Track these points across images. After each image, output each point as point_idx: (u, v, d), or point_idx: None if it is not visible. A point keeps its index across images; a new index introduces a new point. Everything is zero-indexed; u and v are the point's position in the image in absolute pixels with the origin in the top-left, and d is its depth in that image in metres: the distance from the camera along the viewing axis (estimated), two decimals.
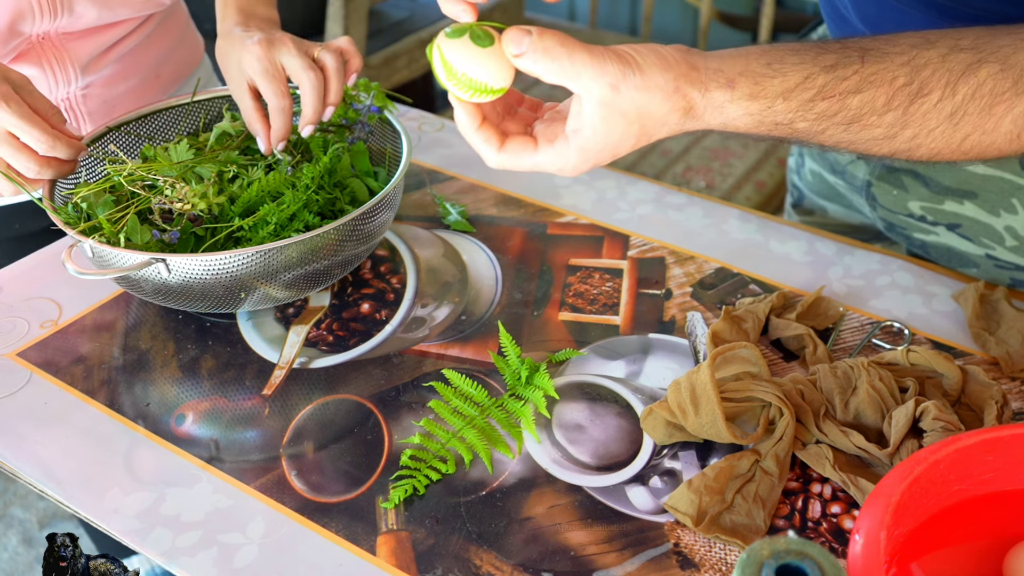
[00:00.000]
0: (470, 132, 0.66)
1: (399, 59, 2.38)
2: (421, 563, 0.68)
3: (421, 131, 1.20)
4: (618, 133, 0.62)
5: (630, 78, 0.60)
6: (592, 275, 0.96)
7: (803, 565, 0.47)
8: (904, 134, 0.65)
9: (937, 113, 0.64)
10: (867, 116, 0.64)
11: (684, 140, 2.17)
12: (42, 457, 0.77)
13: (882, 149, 0.67)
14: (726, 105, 0.62)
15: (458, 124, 0.66)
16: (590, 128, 0.62)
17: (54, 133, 0.84)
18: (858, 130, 0.65)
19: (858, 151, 0.68)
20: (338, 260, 0.87)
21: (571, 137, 0.64)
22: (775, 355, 0.85)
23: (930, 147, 0.66)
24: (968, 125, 0.64)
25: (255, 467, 0.76)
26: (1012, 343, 0.83)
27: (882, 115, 0.64)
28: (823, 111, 0.63)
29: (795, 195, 1.21)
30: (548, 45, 0.59)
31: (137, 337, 0.89)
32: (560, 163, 0.65)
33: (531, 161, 0.66)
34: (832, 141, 0.66)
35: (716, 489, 0.71)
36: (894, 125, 0.64)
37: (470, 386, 0.80)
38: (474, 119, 0.65)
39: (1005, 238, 0.91)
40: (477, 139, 0.66)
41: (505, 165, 0.66)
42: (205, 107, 1.03)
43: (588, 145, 0.63)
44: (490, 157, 0.66)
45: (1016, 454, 0.63)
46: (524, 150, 0.66)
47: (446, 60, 0.61)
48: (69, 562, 0.70)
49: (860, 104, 0.63)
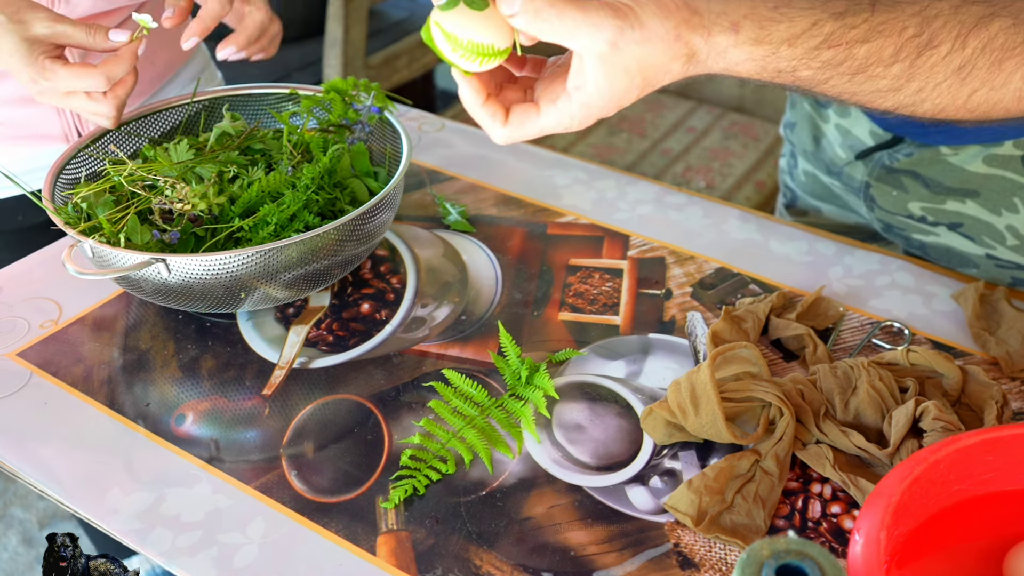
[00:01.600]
0: (475, 108, 0.65)
1: (399, 59, 2.38)
2: (421, 563, 0.68)
3: (421, 131, 1.20)
4: (621, 87, 0.61)
5: (628, 33, 0.59)
6: (592, 275, 0.96)
7: (803, 565, 0.47)
8: (910, 87, 0.64)
9: (945, 66, 0.62)
10: (873, 67, 0.62)
11: (684, 140, 2.17)
12: (42, 457, 0.77)
13: (885, 102, 0.65)
14: (729, 50, 0.61)
15: (464, 102, 0.65)
16: (592, 84, 0.61)
17: (101, 69, 0.84)
18: (863, 80, 0.63)
19: (859, 103, 0.66)
20: (338, 260, 0.87)
21: (573, 94, 0.62)
22: (775, 355, 0.85)
23: (935, 102, 0.64)
24: (976, 80, 0.63)
25: (255, 467, 0.76)
26: (1012, 343, 0.83)
27: (888, 66, 0.62)
28: (829, 59, 0.62)
29: (788, 196, 1.20)
30: (538, 6, 0.58)
31: (137, 337, 0.89)
32: (565, 122, 0.64)
33: (536, 127, 0.65)
34: (835, 91, 0.64)
35: (716, 489, 0.71)
36: (900, 77, 0.63)
37: (470, 386, 0.80)
38: (479, 94, 0.64)
39: (1006, 237, 0.91)
40: (483, 114, 0.65)
41: (513, 137, 0.65)
42: (205, 107, 1.03)
43: (591, 101, 0.62)
44: (496, 133, 0.65)
45: (1016, 454, 0.63)
46: (527, 117, 0.65)
47: (447, 32, 0.60)
48: (69, 562, 0.70)
49: (867, 54, 0.62)
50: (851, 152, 1.02)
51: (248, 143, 0.96)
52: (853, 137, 1.01)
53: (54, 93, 0.86)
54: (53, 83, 0.84)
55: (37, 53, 0.84)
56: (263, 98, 1.04)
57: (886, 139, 0.97)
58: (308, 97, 1.01)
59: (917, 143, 0.94)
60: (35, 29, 0.84)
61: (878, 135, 0.98)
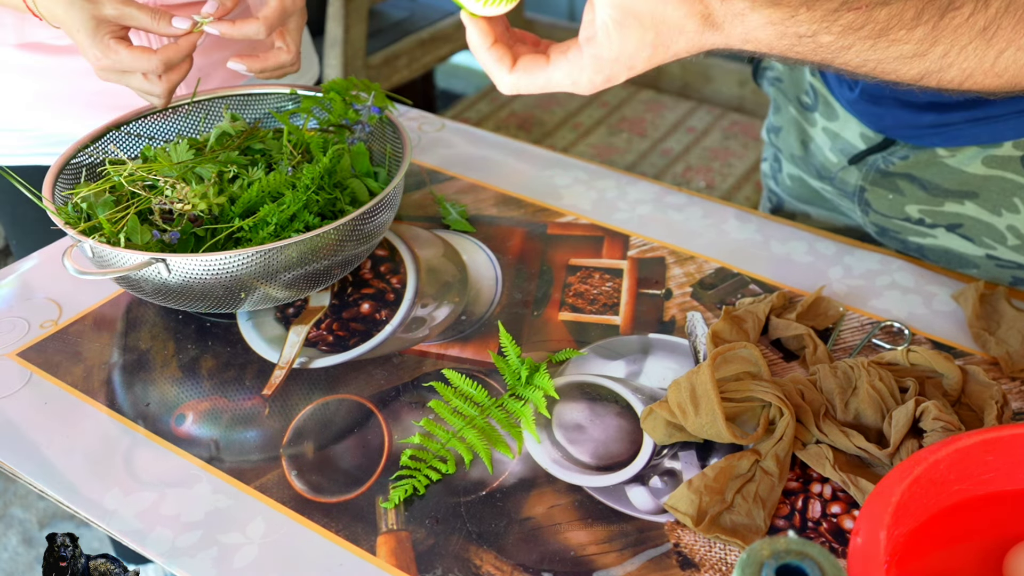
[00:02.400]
0: (481, 51, 0.64)
1: (399, 59, 2.38)
2: (421, 563, 0.68)
3: (421, 131, 1.20)
4: (633, 40, 0.60)
5: None
6: (592, 275, 0.96)
7: (803, 565, 0.47)
8: (935, 51, 0.62)
9: (969, 28, 0.61)
10: (895, 29, 0.61)
11: (684, 140, 2.17)
12: (42, 457, 0.77)
13: (911, 70, 0.64)
14: (747, 13, 0.60)
15: (470, 46, 0.64)
16: (604, 34, 0.60)
17: (159, 54, 0.88)
18: (886, 46, 0.62)
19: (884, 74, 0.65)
20: (338, 260, 0.87)
21: (584, 46, 0.61)
22: (775, 355, 0.85)
23: (962, 66, 0.63)
24: (1002, 40, 0.62)
25: (255, 467, 0.76)
26: (1012, 343, 0.83)
27: (911, 29, 0.61)
28: (849, 23, 0.61)
29: (773, 200, 1.18)
30: None
31: (137, 337, 0.89)
32: (574, 75, 0.63)
33: (544, 78, 0.64)
34: (858, 60, 0.63)
35: (716, 489, 0.71)
36: (924, 41, 0.62)
37: (470, 386, 0.80)
38: (486, 37, 0.64)
39: (1007, 237, 0.91)
40: (489, 58, 0.64)
41: (519, 86, 0.64)
42: (205, 107, 1.03)
43: (602, 53, 0.61)
44: (502, 79, 0.64)
45: (1016, 454, 0.63)
46: (536, 66, 0.64)
47: None
48: (69, 562, 0.70)
49: (888, 17, 0.61)
50: (842, 156, 1.01)
51: (248, 143, 0.96)
52: (843, 141, 1.00)
53: (114, 71, 0.89)
54: (115, 62, 0.87)
55: (103, 32, 0.87)
56: (263, 98, 1.04)
57: (877, 141, 0.97)
58: (308, 97, 1.01)
59: (911, 145, 0.94)
60: (104, 9, 0.87)
61: (869, 138, 0.97)
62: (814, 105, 1.03)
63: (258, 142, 0.96)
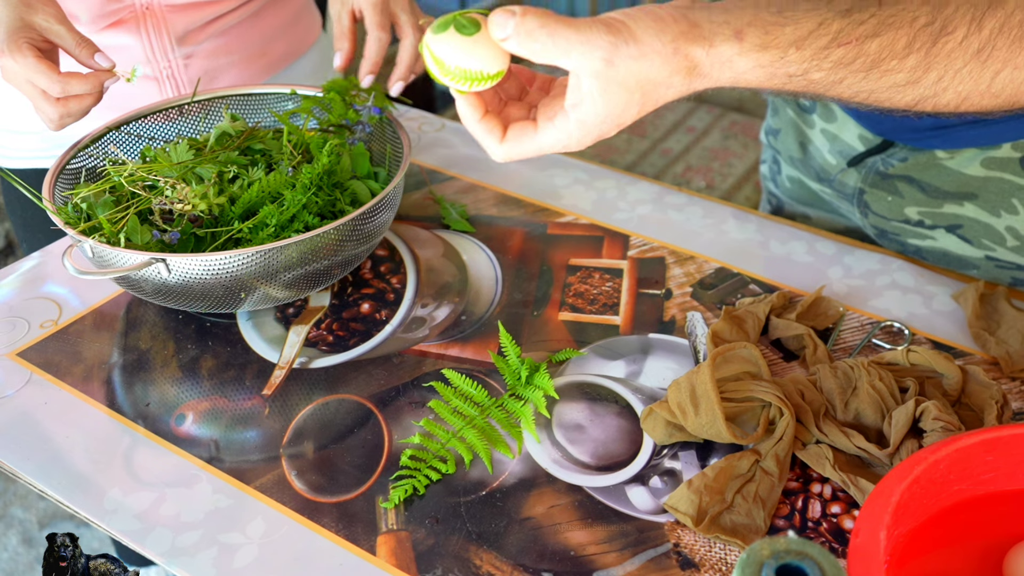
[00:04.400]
0: (473, 124, 0.64)
1: None
2: (421, 563, 0.68)
3: (421, 131, 1.20)
4: (620, 104, 0.60)
5: (622, 48, 0.58)
6: (592, 275, 0.96)
7: (803, 565, 0.47)
8: (928, 77, 0.62)
9: (963, 51, 0.61)
10: (887, 60, 0.61)
11: (684, 140, 2.17)
12: (42, 457, 0.77)
13: (904, 97, 0.63)
14: (735, 59, 0.60)
15: (461, 116, 0.65)
16: (589, 102, 0.60)
17: (62, 77, 0.86)
18: (878, 76, 0.61)
19: (877, 103, 0.64)
20: (338, 260, 0.87)
21: (570, 112, 0.61)
22: (775, 355, 0.85)
23: (957, 90, 0.62)
24: (998, 61, 0.61)
25: (255, 467, 0.76)
26: (1012, 343, 0.83)
27: (903, 58, 0.61)
28: (840, 59, 0.60)
29: (773, 203, 1.18)
30: (530, 27, 0.57)
31: (137, 337, 0.89)
32: (563, 140, 0.63)
33: (534, 145, 0.64)
34: (851, 92, 0.63)
35: (716, 489, 0.71)
36: (917, 68, 0.61)
37: (470, 386, 0.80)
38: (476, 110, 0.64)
39: (1006, 238, 0.91)
40: (480, 130, 0.64)
41: (511, 155, 0.65)
42: (205, 107, 1.03)
43: (588, 119, 0.61)
44: (494, 150, 0.65)
45: (1016, 454, 0.63)
46: (524, 135, 0.64)
47: (436, 56, 0.61)
48: (69, 562, 0.70)
49: (879, 48, 0.60)
50: (841, 158, 1.01)
51: (248, 143, 0.96)
52: (842, 142, 1.00)
53: (16, 76, 0.88)
54: (19, 66, 0.86)
55: (23, 36, 0.86)
56: (263, 98, 1.04)
57: (876, 143, 0.96)
58: (308, 97, 1.01)
59: (910, 147, 0.94)
60: (36, 16, 0.87)
61: (868, 139, 0.97)
62: (812, 107, 1.03)
63: (258, 142, 0.96)
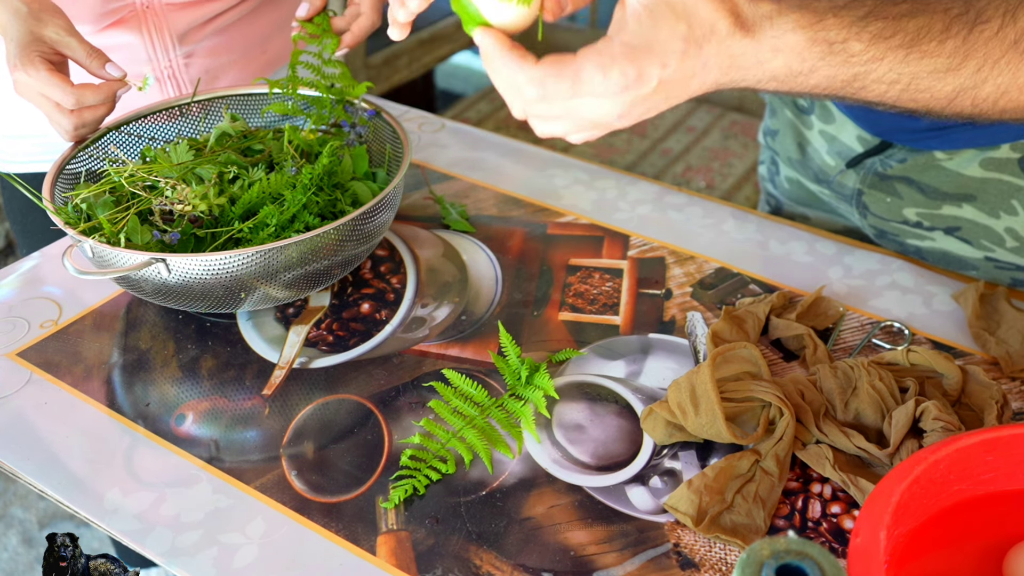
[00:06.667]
0: (498, 57, 0.61)
1: (399, 59, 2.38)
2: (421, 563, 0.68)
3: (421, 131, 1.20)
4: (665, 29, 0.59)
5: None
6: (592, 275, 0.96)
7: (803, 565, 0.47)
8: (968, 65, 0.62)
9: (1000, 41, 0.61)
10: (925, 41, 0.61)
11: (684, 140, 2.17)
12: (42, 457, 0.77)
13: (946, 85, 0.63)
14: (774, 16, 0.60)
15: (484, 54, 0.61)
16: (635, 21, 0.59)
17: (76, 89, 0.87)
18: (918, 58, 0.61)
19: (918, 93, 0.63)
20: (338, 260, 0.87)
21: (614, 36, 0.59)
22: (775, 355, 0.85)
23: (996, 82, 0.62)
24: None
25: (255, 467, 0.76)
26: (1012, 343, 0.83)
27: (942, 42, 0.61)
28: (879, 31, 0.60)
29: (772, 204, 1.18)
30: None
31: (137, 337, 0.89)
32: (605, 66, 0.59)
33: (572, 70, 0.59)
34: (892, 74, 0.62)
35: (716, 489, 0.71)
36: (955, 54, 0.61)
37: (470, 386, 0.80)
38: (502, 41, 0.61)
39: (1006, 239, 0.91)
40: (511, 59, 0.61)
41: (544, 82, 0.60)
42: (205, 107, 1.03)
43: (633, 41, 0.58)
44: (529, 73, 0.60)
45: (1016, 454, 0.63)
46: (562, 59, 0.60)
47: None
48: (69, 562, 0.70)
49: (916, 28, 0.60)
50: (840, 159, 1.01)
51: (248, 143, 0.96)
52: (840, 144, 1.00)
53: (30, 90, 0.89)
54: (33, 80, 0.87)
55: (35, 49, 0.87)
56: (263, 98, 1.04)
57: (875, 144, 0.96)
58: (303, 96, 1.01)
59: (908, 148, 0.94)
60: (46, 29, 0.88)
61: (866, 140, 0.97)
62: (811, 108, 1.03)
63: (258, 143, 0.96)
